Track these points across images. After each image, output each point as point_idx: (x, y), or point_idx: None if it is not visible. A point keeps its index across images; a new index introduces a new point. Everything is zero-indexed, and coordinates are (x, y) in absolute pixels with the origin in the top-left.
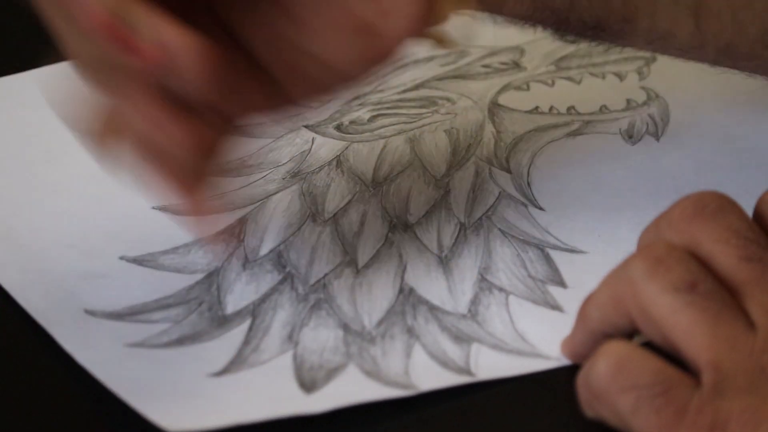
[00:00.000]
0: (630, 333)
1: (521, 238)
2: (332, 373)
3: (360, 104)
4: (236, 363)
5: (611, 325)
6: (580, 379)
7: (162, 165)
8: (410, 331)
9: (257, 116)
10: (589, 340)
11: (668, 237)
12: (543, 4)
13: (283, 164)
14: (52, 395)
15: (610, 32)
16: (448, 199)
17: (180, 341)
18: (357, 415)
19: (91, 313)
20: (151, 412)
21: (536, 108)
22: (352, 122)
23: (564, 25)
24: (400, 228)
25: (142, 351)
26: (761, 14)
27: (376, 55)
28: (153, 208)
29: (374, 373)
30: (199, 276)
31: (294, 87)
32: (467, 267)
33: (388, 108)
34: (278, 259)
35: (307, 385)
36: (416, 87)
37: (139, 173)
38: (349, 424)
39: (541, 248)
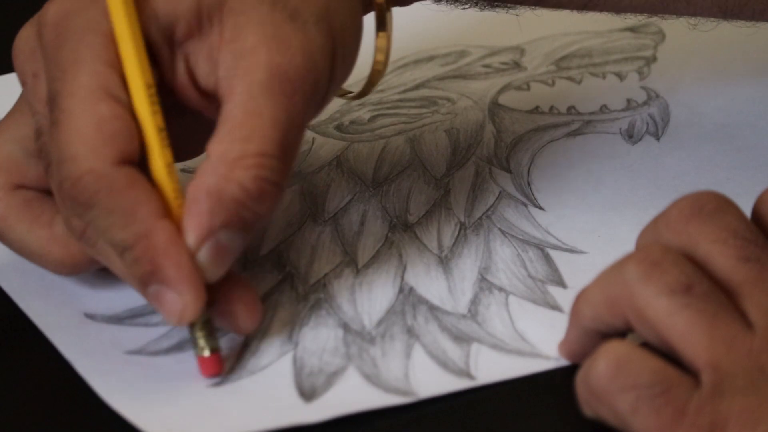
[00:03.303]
0: (624, 332)
1: (521, 237)
2: (332, 378)
3: (360, 104)
4: (236, 371)
5: (604, 324)
6: (580, 379)
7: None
8: (410, 331)
9: None
10: (583, 338)
11: (666, 237)
12: None
13: None
14: (51, 400)
15: None
16: (448, 198)
17: (180, 345)
18: (357, 414)
19: (90, 316)
20: (148, 425)
21: (536, 108)
22: (352, 122)
23: None
24: (400, 228)
25: (142, 359)
26: None
27: None
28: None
29: (374, 377)
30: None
31: None
32: (467, 267)
33: (388, 108)
34: (278, 258)
35: (307, 393)
36: (416, 87)
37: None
38: (349, 424)
39: (541, 248)
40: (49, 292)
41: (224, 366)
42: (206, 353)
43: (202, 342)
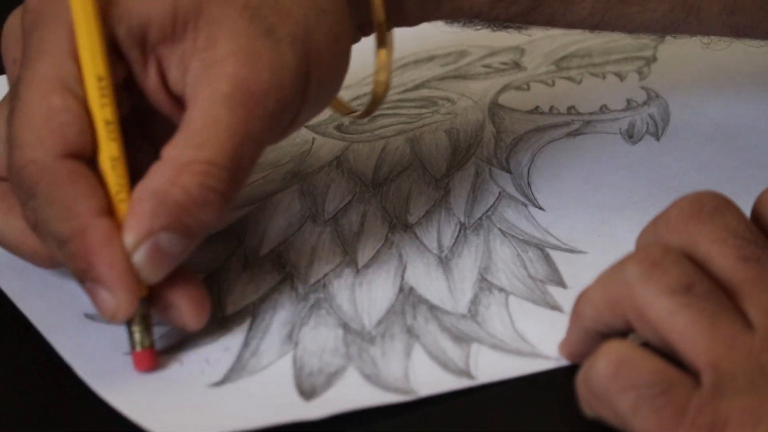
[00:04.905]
0: (624, 332)
1: (521, 238)
2: (332, 378)
3: (360, 105)
4: (236, 370)
5: (605, 324)
6: (580, 379)
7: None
8: (410, 331)
9: None
10: (583, 338)
11: (666, 237)
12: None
13: (283, 164)
14: (51, 400)
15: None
16: (448, 199)
17: (180, 345)
18: (356, 414)
19: (90, 317)
20: (151, 424)
21: (536, 108)
22: (352, 122)
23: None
24: (400, 228)
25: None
26: None
27: None
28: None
29: (374, 377)
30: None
31: None
32: (467, 267)
33: (388, 108)
34: (278, 259)
35: (307, 392)
36: (416, 87)
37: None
38: (349, 424)
39: (541, 248)
40: (48, 293)
41: (157, 362)
42: (138, 348)
43: (136, 337)
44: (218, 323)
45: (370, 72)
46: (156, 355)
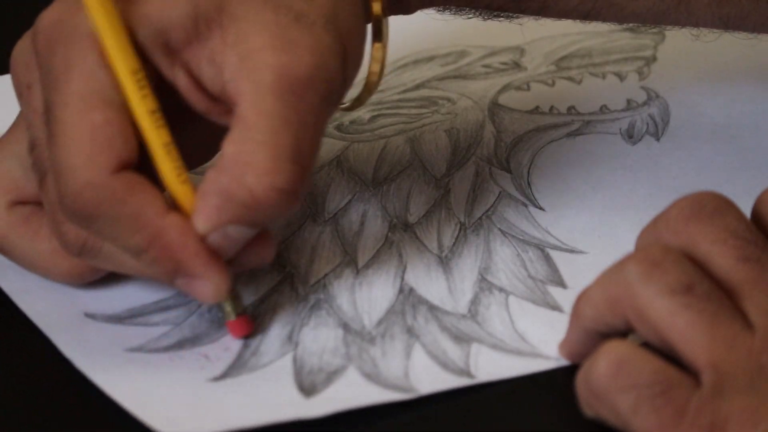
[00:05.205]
0: (624, 332)
1: (521, 238)
2: (332, 376)
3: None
4: (236, 367)
5: (605, 324)
6: (580, 379)
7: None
8: (410, 331)
9: None
10: (583, 338)
11: (666, 238)
12: None
13: None
14: (52, 399)
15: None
16: (448, 199)
17: (180, 344)
18: (356, 413)
19: (91, 316)
20: (151, 418)
21: (536, 108)
22: (352, 122)
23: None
24: (400, 228)
25: (142, 356)
26: None
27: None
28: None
29: (374, 376)
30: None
31: None
32: (467, 267)
33: (388, 108)
34: (278, 258)
35: (307, 389)
36: (416, 87)
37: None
38: (349, 423)
39: (541, 248)
40: (49, 293)
41: (252, 326)
42: (233, 317)
43: (228, 307)
44: (218, 324)
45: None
46: (250, 319)
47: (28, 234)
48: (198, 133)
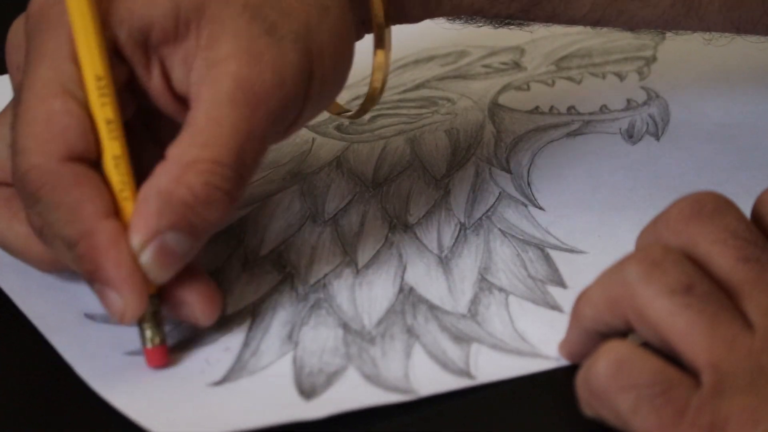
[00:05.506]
0: (624, 332)
1: (521, 238)
2: (332, 377)
3: (360, 104)
4: (236, 370)
5: (605, 324)
6: (580, 379)
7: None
8: (410, 331)
9: None
10: (583, 338)
11: (666, 238)
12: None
13: (283, 164)
14: (52, 400)
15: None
16: (448, 199)
17: (180, 344)
18: (356, 414)
19: (90, 317)
20: (151, 423)
21: (536, 108)
22: (352, 122)
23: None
24: (400, 228)
25: (142, 359)
26: None
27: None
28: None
29: (374, 377)
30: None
31: None
32: (467, 267)
33: (388, 108)
34: (278, 259)
35: (307, 391)
36: (416, 87)
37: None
38: (349, 424)
39: (541, 248)
40: (48, 293)
41: (168, 358)
42: (149, 345)
43: (147, 334)
44: (218, 323)
45: (370, 72)
46: (167, 351)
47: (7, 215)
48: (172, 135)
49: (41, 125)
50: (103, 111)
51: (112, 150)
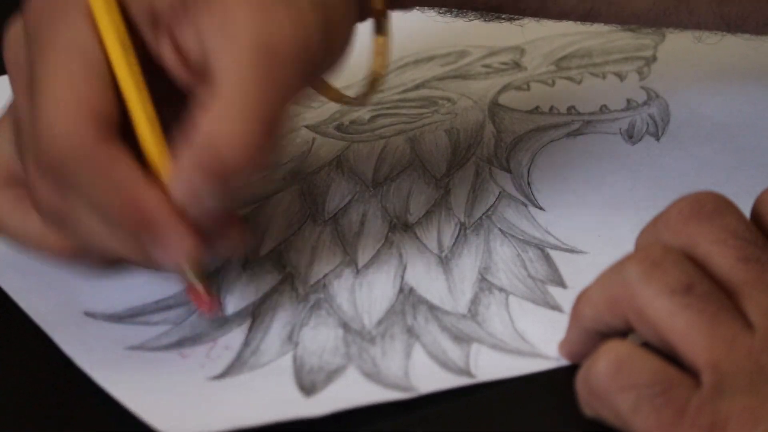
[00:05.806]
0: (624, 332)
1: (521, 238)
2: (332, 375)
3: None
4: (236, 366)
5: (605, 324)
6: (580, 379)
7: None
8: (410, 331)
9: None
10: (583, 338)
11: (665, 238)
12: None
13: (283, 164)
14: (52, 397)
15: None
16: (448, 199)
17: (180, 343)
18: (357, 413)
19: (91, 315)
20: (151, 416)
21: (536, 108)
22: (352, 122)
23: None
24: (400, 228)
25: (142, 354)
26: None
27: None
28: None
29: (374, 375)
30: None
31: None
32: (467, 267)
33: (388, 108)
34: (278, 259)
35: (307, 387)
36: (416, 87)
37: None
38: (349, 423)
39: (541, 248)
40: (49, 292)
41: (219, 306)
42: (200, 288)
43: (196, 280)
44: (218, 323)
45: (369, 72)
46: (218, 300)
47: (20, 212)
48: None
49: (67, 92)
50: (133, 74)
51: (146, 111)
